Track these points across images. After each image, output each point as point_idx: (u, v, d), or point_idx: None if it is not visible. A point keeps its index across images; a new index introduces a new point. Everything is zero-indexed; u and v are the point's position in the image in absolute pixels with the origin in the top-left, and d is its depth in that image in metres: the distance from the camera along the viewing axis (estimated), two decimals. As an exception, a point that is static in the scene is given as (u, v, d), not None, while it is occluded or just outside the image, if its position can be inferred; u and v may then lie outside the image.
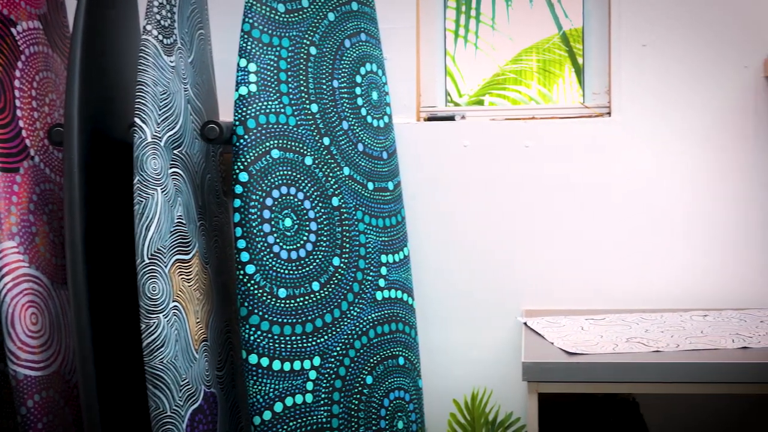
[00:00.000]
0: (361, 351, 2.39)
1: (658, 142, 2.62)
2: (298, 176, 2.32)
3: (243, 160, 2.23)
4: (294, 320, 2.25)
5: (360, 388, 2.38)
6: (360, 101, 2.51)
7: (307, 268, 2.30)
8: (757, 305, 2.58)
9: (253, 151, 2.24)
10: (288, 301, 2.25)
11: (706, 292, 2.61)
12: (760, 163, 2.59)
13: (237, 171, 2.23)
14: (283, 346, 2.23)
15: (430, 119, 2.75)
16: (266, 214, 2.24)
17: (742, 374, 1.96)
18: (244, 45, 2.28)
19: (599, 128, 2.64)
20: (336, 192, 2.40)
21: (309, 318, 2.28)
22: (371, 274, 2.45)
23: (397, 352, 2.48)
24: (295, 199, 2.31)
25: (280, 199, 2.28)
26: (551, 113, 2.74)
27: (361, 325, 2.40)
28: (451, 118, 2.74)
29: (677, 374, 1.98)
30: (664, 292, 2.62)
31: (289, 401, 2.22)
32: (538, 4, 3.33)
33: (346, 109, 2.47)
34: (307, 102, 2.38)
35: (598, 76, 2.71)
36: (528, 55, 4.35)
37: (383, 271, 2.48)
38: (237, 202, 2.22)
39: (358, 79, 2.51)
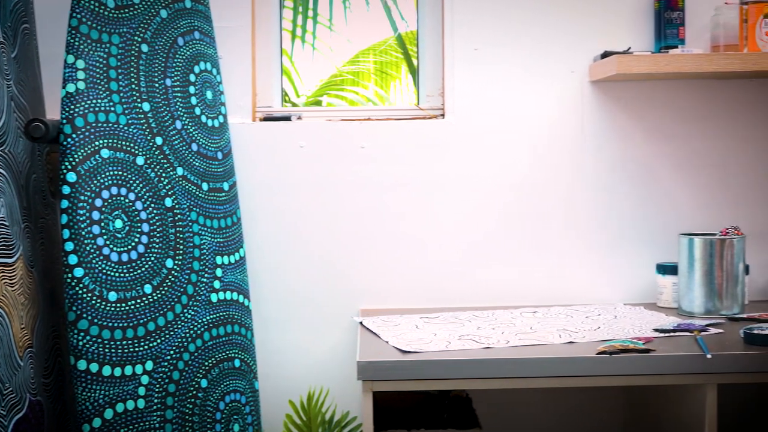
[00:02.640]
0: (196, 354, 2.35)
1: (491, 143, 2.68)
2: (130, 176, 2.27)
3: (71, 159, 2.16)
4: (125, 324, 2.20)
5: (194, 392, 2.34)
6: (194, 100, 2.46)
7: (139, 271, 2.25)
8: (582, 301, 2.68)
9: (82, 151, 2.18)
10: (119, 305, 2.19)
11: (535, 289, 2.69)
12: (587, 164, 2.69)
13: (64, 171, 2.15)
14: (113, 350, 2.17)
15: (266, 119, 2.73)
16: (96, 215, 2.18)
17: (567, 368, 2.03)
18: (72, 41, 2.21)
19: (433, 129, 2.68)
20: (169, 192, 2.35)
21: (141, 321, 2.23)
22: (206, 275, 2.41)
23: (232, 355, 2.45)
24: (126, 200, 2.25)
25: (110, 200, 2.22)
26: (386, 114, 2.77)
27: (195, 328, 2.36)
28: (287, 119, 2.73)
29: (507, 370, 2.03)
30: (497, 290, 2.69)
31: (120, 407, 2.16)
32: (375, 7, 3.36)
33: (180, 108, 2.42)
34: (139, 100, 2.32)
35: (432, 78, 2.76)
36: (365, 57, 4.38)
37: (218, 272, 2.45)
38: (65, 203, 2.15)
39: (192, 77, 2.47)
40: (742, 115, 2.69)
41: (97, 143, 2.21)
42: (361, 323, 2.44)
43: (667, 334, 2.20)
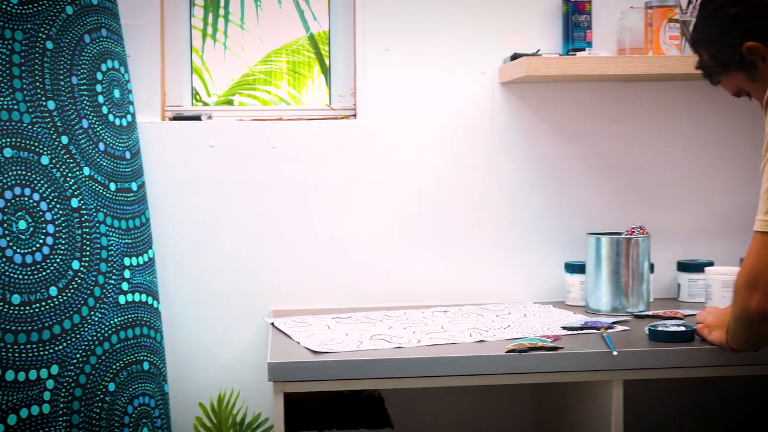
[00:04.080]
0: (103, 357, 2.31)
1: (403, 143, 2.69)
2: (34, 176, 2.22)
3: (-29, 158, 2.10)
4: (29, 327, 2.15)
5: (102, 396, 2.30)
6: (101, 99, 2.42)
7: (44, 273, 2.20)
8: (493, 300, 2.71)
9: (-17, 150, 2.12)
10: (22, 308, 2.14)
11: (447, 289, 2.71)
12: (497, 164, 2.71)
13: (-35, 170, 2.10)
14: (17, 355, 2.11)
15: (175, 119, 2.69)
16: (-2, 216, 2.12)
17: (478, 367, 2.04)
18: (-27, 37, 2.15)
19: (345, 130, 2.68)
20: (75, 193, 2.31)
21: (46, 325, 2.18)
22: (114, 277, 2.37)
23: (141, 357, 2.41)
24: (31, 200, 2.20)
25: (13, 201, 2.16)
26: (298, 114, 2.76)
27: (102, 331, 2.32)
28: (197, 118, 2.69)
29: (418, 369, 2.03)
30: (408, 290, 2.70)
31: (24, 413, 2.11)
32: (287, 6, 3.35)
33: (86, 107, 2.38)
34: (43, 99, 2.27)
35: (344, 78, 2.76)
36: (277, 56, 4.36)
37: (126, 274, 2.40)
38: (-35, 204, 2.09)
39: (99, 76, 2.42)
40: (648, 116, 2.75)
41: (-1, 142, 2.15)
42: (272, 324, 2.43)
43: (574, 332, 2.24)
